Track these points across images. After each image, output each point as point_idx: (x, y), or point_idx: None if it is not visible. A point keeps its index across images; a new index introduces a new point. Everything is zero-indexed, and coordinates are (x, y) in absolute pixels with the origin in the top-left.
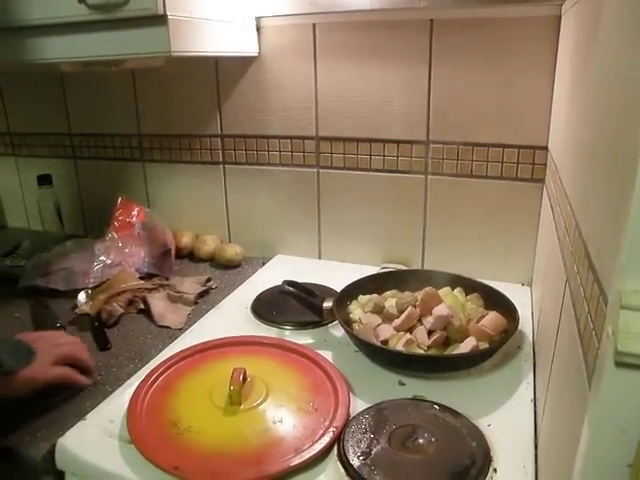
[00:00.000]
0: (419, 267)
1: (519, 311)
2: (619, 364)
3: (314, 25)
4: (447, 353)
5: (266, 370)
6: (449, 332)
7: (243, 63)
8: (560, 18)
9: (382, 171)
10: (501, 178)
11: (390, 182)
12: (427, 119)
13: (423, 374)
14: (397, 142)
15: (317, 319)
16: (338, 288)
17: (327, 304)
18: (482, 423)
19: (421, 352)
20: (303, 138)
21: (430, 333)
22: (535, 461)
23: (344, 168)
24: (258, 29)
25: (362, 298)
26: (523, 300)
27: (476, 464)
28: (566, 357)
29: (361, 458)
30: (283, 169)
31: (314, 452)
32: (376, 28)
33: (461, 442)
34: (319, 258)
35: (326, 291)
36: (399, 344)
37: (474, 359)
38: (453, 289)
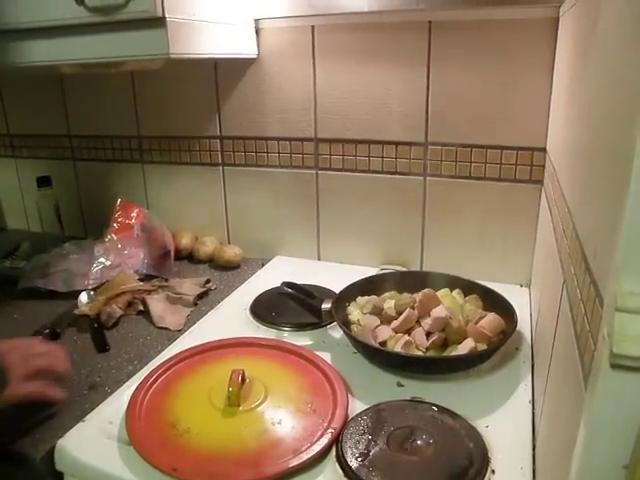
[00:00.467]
0: (418, 268)
1: (517, 312)
2: (614, 366)
3: (313, 27)
4: (445, 354)
5: (265, 371)
6: (447, 333)
7: (242, 65)
8: (558, 20)
9: (381, 173)
10: (499, 180)
11: (389, 184)
12: (425, 121)
13: (421, 375)
14: (396, 144)
15: (316, 320)
16: (337, 289)
17: (326, 305)
18: (480, 424)
19: (419, 353)
20: (302, 140)
21: (428, 334)
22: (533, 462)
23: (343, 170)
24: (257, 31)
25: (361, 299)
26: (522, 301)
27: (474, 465)
28: (563, 359)
29: (359, 459)
30: (282, 171)
31: (312, 453)
32: (374, 30)
33: (459, 443)
34: (318, 259)
35: (325, 292)
36: (397, 345)
37: (472, 360)
38: (452, 290)
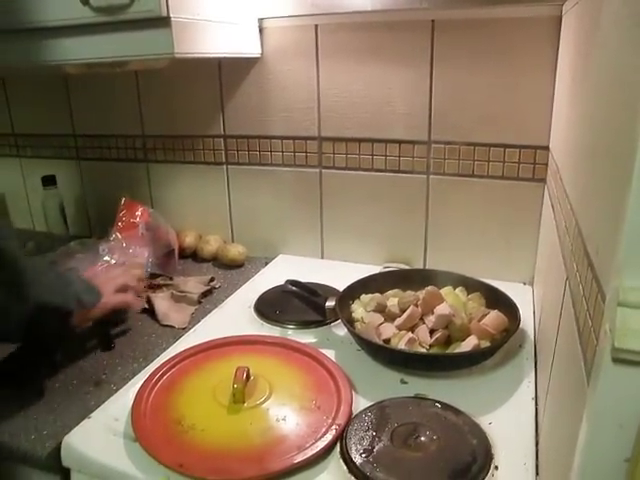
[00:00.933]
0: (421, 266)
1: (520, 310)
2: (616, 360)
3: (316, 26)
4: (449, 352)
5: (269, 369)
6: (451, 331)
7: (246, 64)
8: (561, 18)
9: (384, 171)
10: (503, 178)
11: (392, 182)
12: (429, 119)
13: (425, 372)
14: (399, 142)
15: (320, 318)
16: (341, 287)
17: (330, 303)
18: (483, 421)
19: (423, 351)
20: (306, 138)
21: (432, 332)
22: (536, 458)
23: (346, 168)
24: (261, 30)
25: (364, 297)
26: (525, 299)
27: (477, 461)
28: (566, 355)
29: (363, 455)
30: (286, 169)
31: (317, 450)
32: (378, 29)
33: (462, 440)
34: (322, 258)
35: (329, 290)
36: (401, 343)
37: (476, 358)
38: (455, 288)
